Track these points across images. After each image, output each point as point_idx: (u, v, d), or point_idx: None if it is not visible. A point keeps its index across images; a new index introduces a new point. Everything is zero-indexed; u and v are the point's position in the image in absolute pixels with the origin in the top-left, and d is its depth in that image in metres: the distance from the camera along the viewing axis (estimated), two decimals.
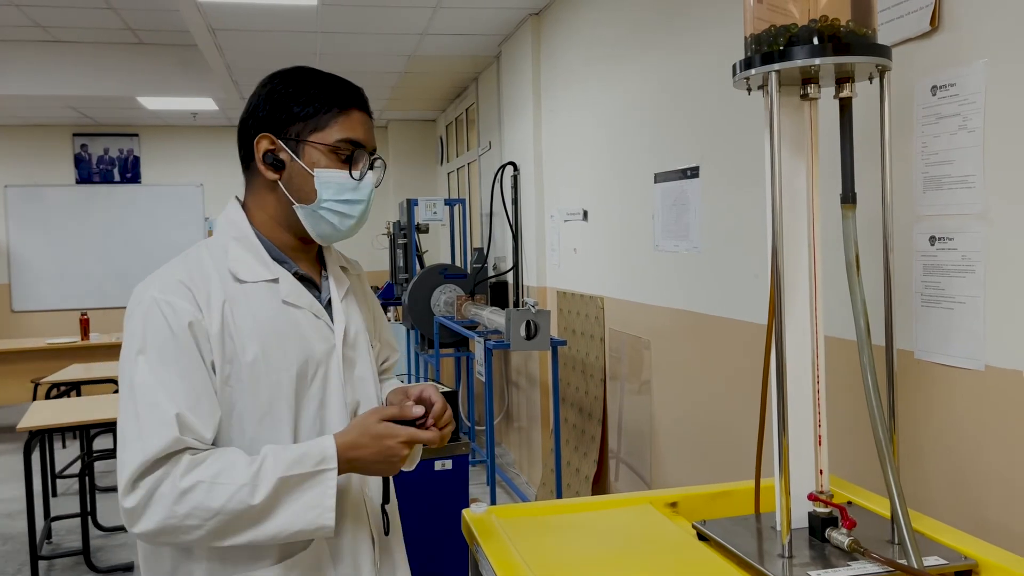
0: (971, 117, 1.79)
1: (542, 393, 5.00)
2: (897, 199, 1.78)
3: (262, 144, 1.36)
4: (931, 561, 1.35)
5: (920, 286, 1.95)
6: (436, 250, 7.52)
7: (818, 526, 1.45)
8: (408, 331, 6.21)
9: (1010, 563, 1.33)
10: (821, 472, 1.54)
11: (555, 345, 3.93)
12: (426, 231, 6.23)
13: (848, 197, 1.45)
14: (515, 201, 5.40)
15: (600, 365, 4.13)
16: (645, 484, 3.66)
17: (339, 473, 1.28)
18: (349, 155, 1.35)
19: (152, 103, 7.52)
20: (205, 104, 7.70)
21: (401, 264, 6.08)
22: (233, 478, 1.23)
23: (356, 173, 1.37)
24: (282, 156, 1.36)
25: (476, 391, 6.03)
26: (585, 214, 4.30)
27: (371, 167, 1.39)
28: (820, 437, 1.52)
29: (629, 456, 3.84)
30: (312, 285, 1.43)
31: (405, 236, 6.10)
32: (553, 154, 4.90)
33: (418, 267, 6.07)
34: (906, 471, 1.92)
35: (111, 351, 7.19)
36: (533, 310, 3.63)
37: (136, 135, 9.27)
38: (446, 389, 2.80)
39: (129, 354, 1.28)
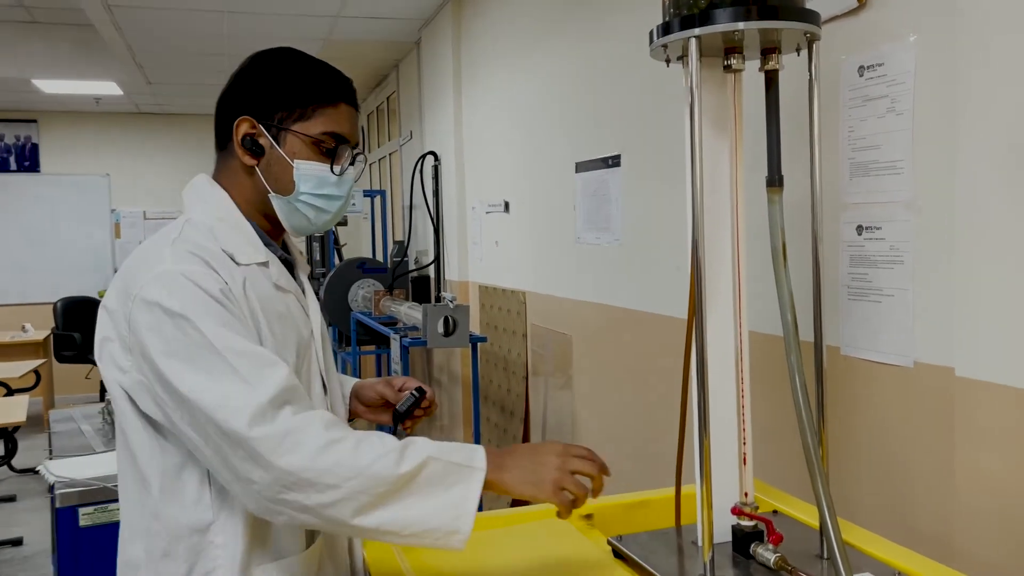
0: (900, 99, 1.69)
1: (464, 391, 4.83)
2: (823, 187, 1.68)
3: (242, 127, 1.30)
4: None
5: (847, 278, 1.85)
6: (356, 243, 7.26)
7: (743, 541, 1.32)
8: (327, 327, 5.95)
9: None
10: (745, 473, 1.41)
11: (475, 342, 3.77)
12: (345, 223, 5.98)
13: (774, 180, 1.33)
14: (436, 192, 5.21)
15: (522, 362, 3.99)
16: None
17: (485, 479, 1.17)
18: (332, 149, 1.31)
19: (49, 86, 7.05)
20: (108, 89, 7.26)
21: (318, 258, 5.82)
22: (380, 442, 1.14)
23: (337, 168, 1.32)
24: (262, 142, 1.31)
25: None
26: (507, 205, 4.15)
27: (352, 162, 1.35)
28: (744, 441, 1.39)
29: None
30: (290, 270, 1.39)
31: None
32: (474, 143, 4.74)
33: (336, 261, 5.82)
34: (832, 474, 1.82)
35: (3, 350, 6.71)
36: (451, 305, 3.46)
37: (34, 121, 8.70)
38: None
39: (168, 336, 1.14)
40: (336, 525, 1.14)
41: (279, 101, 1.29)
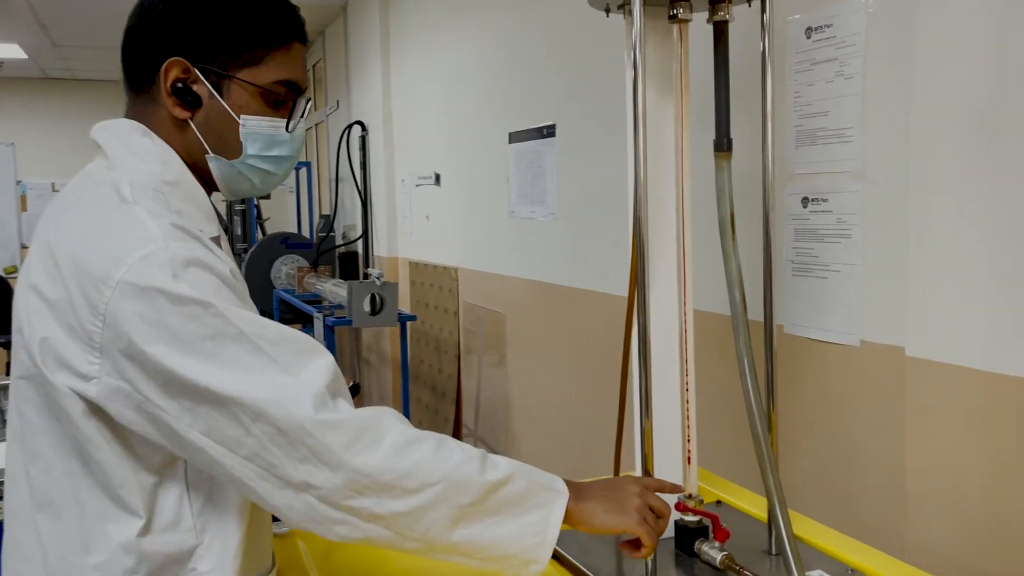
0: (849, 62, 1.60)
1: (393, 371, 4.67)
2: (774, 152, 1.57)
3: (173, 71, 1.03)
4: None
5: (791, 253, 1.76)
6: (281, 218, 6.97)
7: (687, 538, 1.22)
8: None
9: (895, 574, 1.15)
10: (689, 461, 1.31)
11: (404, 320, 3.61)
12: (268, 197, 5.70)
13: (723, 143, 1.21)
14: (364, 165, 5.00)
15: (454, 341, 3.85)
16: None
17: (567, 509, 1.02)
18: (282, 100, 1.08)
19: None
20: (11, 51, 6.79)
21: (239, 232, 5.54)
22: (459, 447, 0.99)
23: (292, 124, 1.10)
24: (198, 90, 1.05)
25: None
26: (437, 178, 3.98)
27: (304, 114, 1.12)
28: (689, 439, 1.29)
29: (487, 435, 3.58)
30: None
31: (243, 202, 5.57)
32: (404, 113, 4.54)
33: (259, 236, 5.56)
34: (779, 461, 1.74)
35: None
36: (378, 282, 3.29)
37: None
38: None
39: (177, 329, 0.91)
40: (406, 540, 0.97)
41: (222, 42, 1.05)
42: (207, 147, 1.06)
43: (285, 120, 1.09)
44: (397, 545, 0.97)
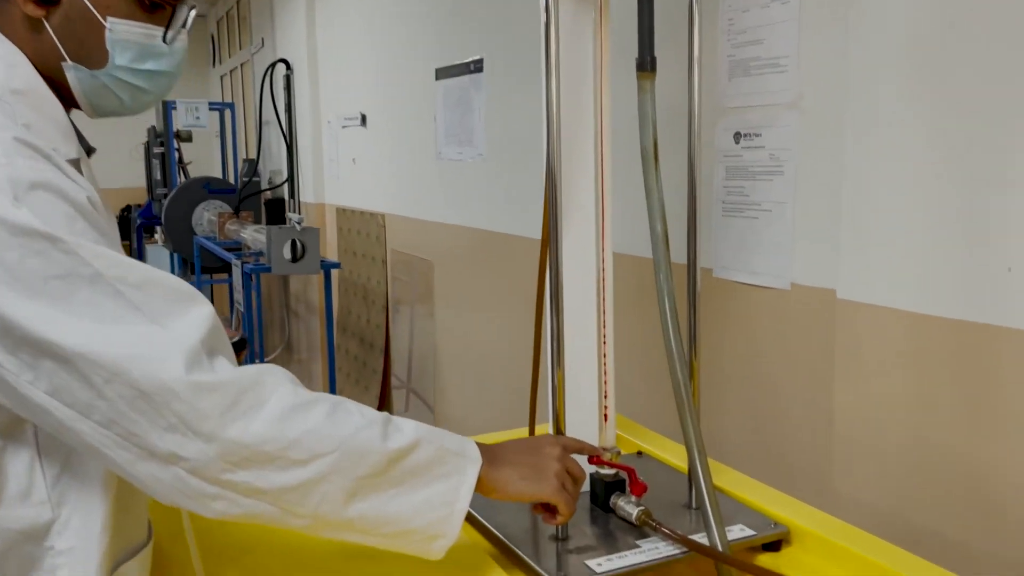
0: None
1: (321, 322, 4.51)
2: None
3: None
4: (735, 532, 1.07)
5: (722, 192, 1.67)
6: (204, 162, 6.66)
7: (601, 492, 1.13)
8: (171, 255, 5.44)
9: (823, 527, 1.08)
10: (606, 417, 1.22)
11: (327, 268, 3.45)
12: (189, 139, 5.42)
13: (646, 62, 1.09)
14: (289, 106, 4.76)
15: (382, 291, 3.71)
16: (431, 418, 3.33)
17: (479, 477, 0.92)
18: (160, 4, 0.93)
19: None
20: None
21: (159, 177, 5.26)
22: (357, 410, 0.87)
23: (171, 34, 0.95)
24: None
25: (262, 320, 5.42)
26: (363, 119, 3.79)
27: (185, 23, 0.96)
28: (606, 380, 1.19)
29: (417, 385, 3.47)
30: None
31: (162, 145, 5.27)
32: (329, 50, 4.31)
33: (180, 181, 5.29)
34: (702, 409, 1.68)
35: None
36: (298, 228, 3.12)
37: None
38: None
39: (15, 266, 0.75)
40: (294, 517, 0.84)
41: None
42: (64, 53, 0.90)
43: (163, 29, 0.93)
44: (283, 522, 0.85)
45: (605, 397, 1.20)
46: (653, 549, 1.02)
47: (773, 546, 1.08)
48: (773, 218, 1.55)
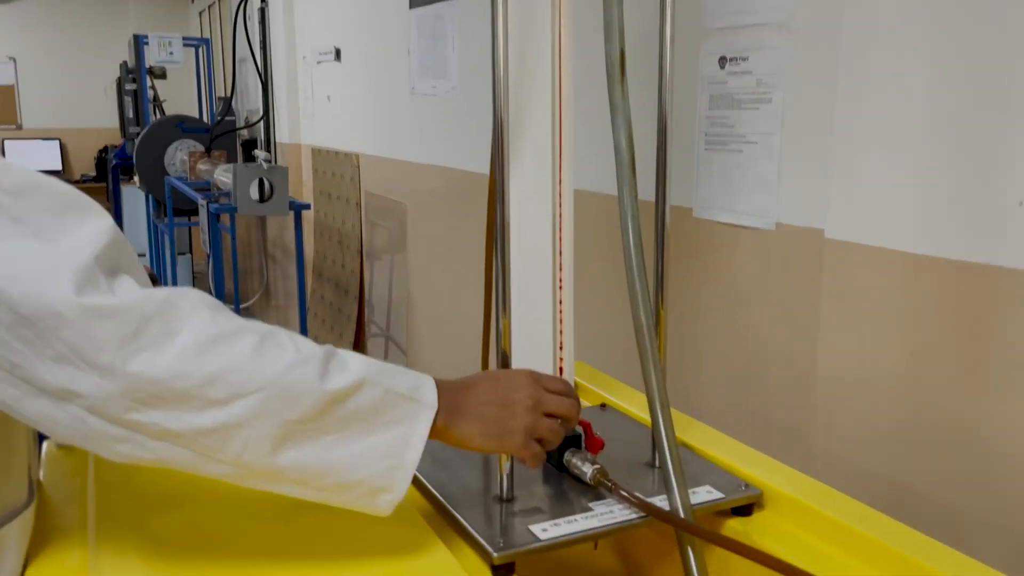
0: None
1: (298, 267, 4.37)
2: (679, 8, 1.30)
3: None
4: (701, 495, 0.96)
5: (704, 123, 1.52)
6: (180, 101, 6.40)
7: (555, 449, 1.01)
8: (146, 197, 5.27)
9: (801, 490, 0.97)
10: (561, 368, 1.10)
11: (298, 209, 3.30)
12: (163, 76, 5.20)
13: None
14: (264, 43, 4.54)
15: (357, 235, 3.57)
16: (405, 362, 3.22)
17: (434, 423, 0.79)
18: None
19: None
20: None
21: (132, 115, 5.06)
22: (292, 343, 0.74)
23: None
24: None
25: (240, 266, 5.28)
26: (337, 53, 3.60)
27: None
28: (562, 331, 1.07)
29: (395, 332, 3.36)
30: None
31: (134, 81, 5.05)
32: None
33: (153, 119, 5.09)
34: (676, 360, 1.55)
35: None
36: (265, 166, 2.96)
37: None
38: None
39: None
40: (214, 463, 0.73)
41: None
42: None
43: None
44: (202, 468, 0.73)
45: (561, 348, 1.08)
46: (607, 513, 0.91)
47: (744, 510, 0.97)
48: (759, 151, 1.41)
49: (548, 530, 0.87)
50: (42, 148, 7.41)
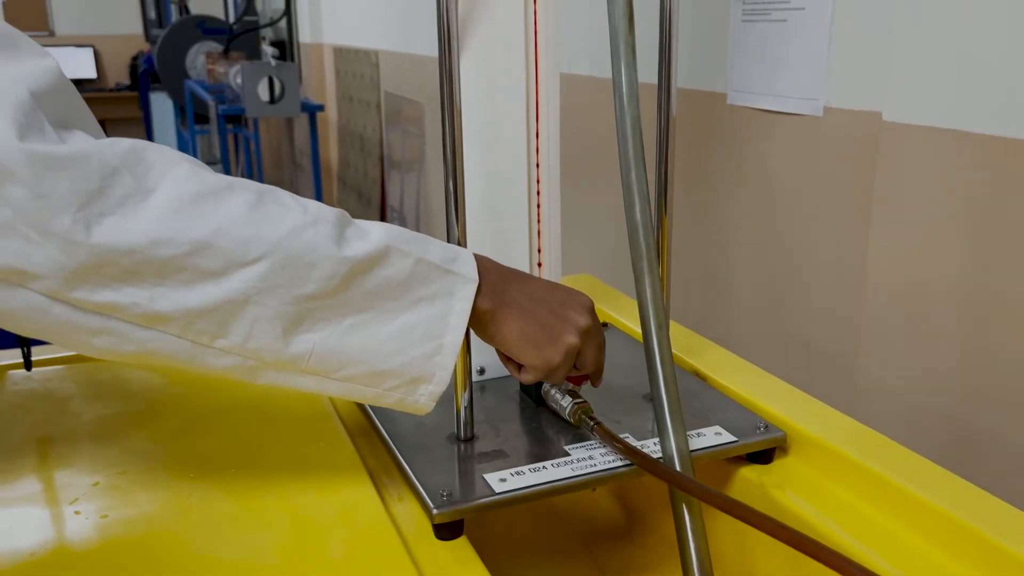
0: None
1: (326, 176, 4.21)
2: None
3: None
4: (707, 438, 0.77)
5: None
6: (208, 1, 6.18)
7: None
8: (174, 104, 5.12)
9: (834, 432, 0.78)
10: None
11: (312, 111, 3.11)
12: None
13: None
14: None
15: (377, 139, 3.37)
16: None
17: (475, 305, 0.65)
18: None
19: None
20: None
21: (153, 16, 4.86)
22: (295, 202, 0.60)
23: None
24: None
25: (268, 177, 5.14)
26: None
27: None
28: (540, 238, 0.88)
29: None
30: None
31: None
32: None
33: (175, 19, 4.89)
34: (702, 274, 1.35)
35: None
36: (273, 63, 2.76)
37: None
38: None
39: None
40: (214, 355, 0.59)
41: None
42: None
43: None
44: (201, 363, 0.59)
45: (539, 252, 0.88)
46: (585, 460, 0.73)
47: (762, 456, 0.78)
48: (806, 19, 1.16)
49: (508, 480, 0.70)
50: (76, 55, 7.28)
